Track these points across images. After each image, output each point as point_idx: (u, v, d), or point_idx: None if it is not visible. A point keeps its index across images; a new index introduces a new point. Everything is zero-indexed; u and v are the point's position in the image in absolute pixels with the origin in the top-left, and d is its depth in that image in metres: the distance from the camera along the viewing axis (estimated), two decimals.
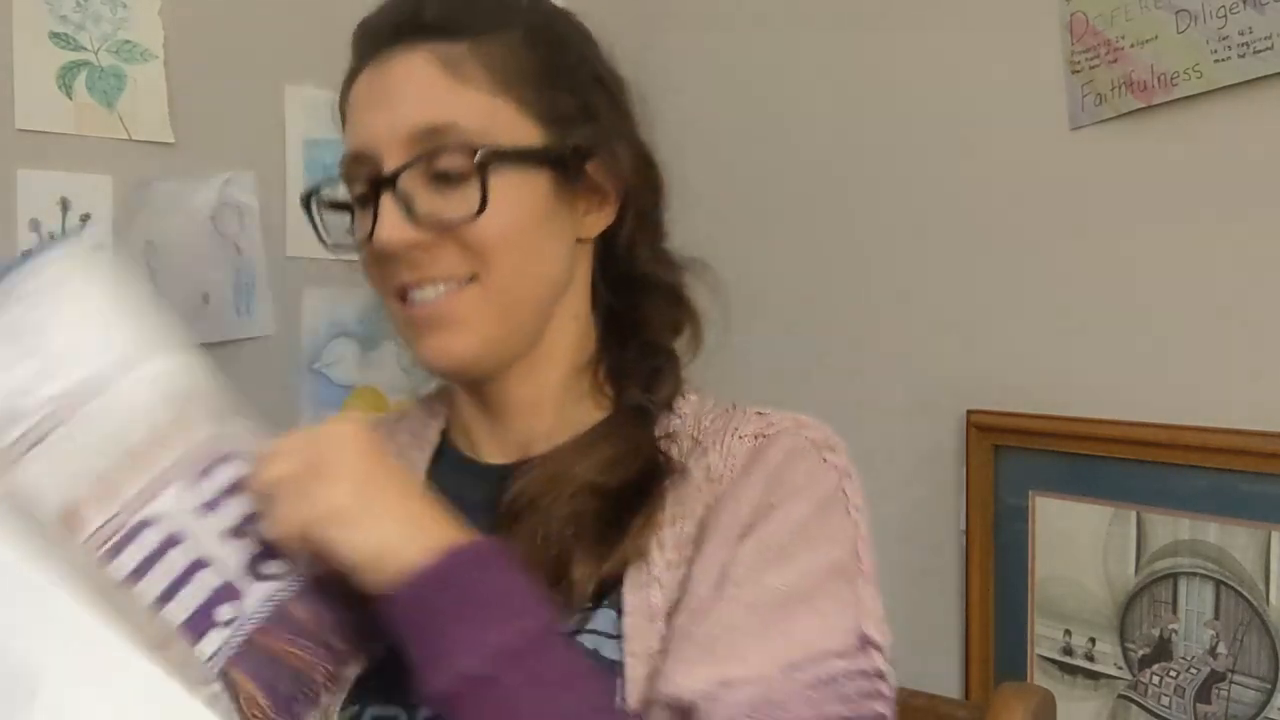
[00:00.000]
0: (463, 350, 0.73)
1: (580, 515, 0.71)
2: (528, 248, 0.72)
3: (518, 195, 0.71)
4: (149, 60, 1.23)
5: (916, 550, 1.25)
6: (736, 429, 0.75)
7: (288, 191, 1.32)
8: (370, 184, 0.72)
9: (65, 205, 1.19)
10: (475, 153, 0.69)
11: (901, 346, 1.28)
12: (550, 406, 0.78)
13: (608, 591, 0.70)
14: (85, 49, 1.19)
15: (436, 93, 0.70)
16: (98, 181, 1.20)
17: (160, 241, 1.22)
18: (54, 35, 1.17)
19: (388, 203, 0.70)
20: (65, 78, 1.18)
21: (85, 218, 1.20)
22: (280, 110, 1.31)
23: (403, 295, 0.73)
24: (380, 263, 0.73)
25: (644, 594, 0.69)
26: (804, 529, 0.69)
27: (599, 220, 0.77)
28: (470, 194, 0.69)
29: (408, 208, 0.70)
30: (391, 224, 0.70)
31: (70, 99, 1.18)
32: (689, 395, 0.80)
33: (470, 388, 0.80)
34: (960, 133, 1.22)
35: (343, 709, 0.72)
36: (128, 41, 1.22)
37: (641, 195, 0.78)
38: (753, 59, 1.45)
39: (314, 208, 0.79)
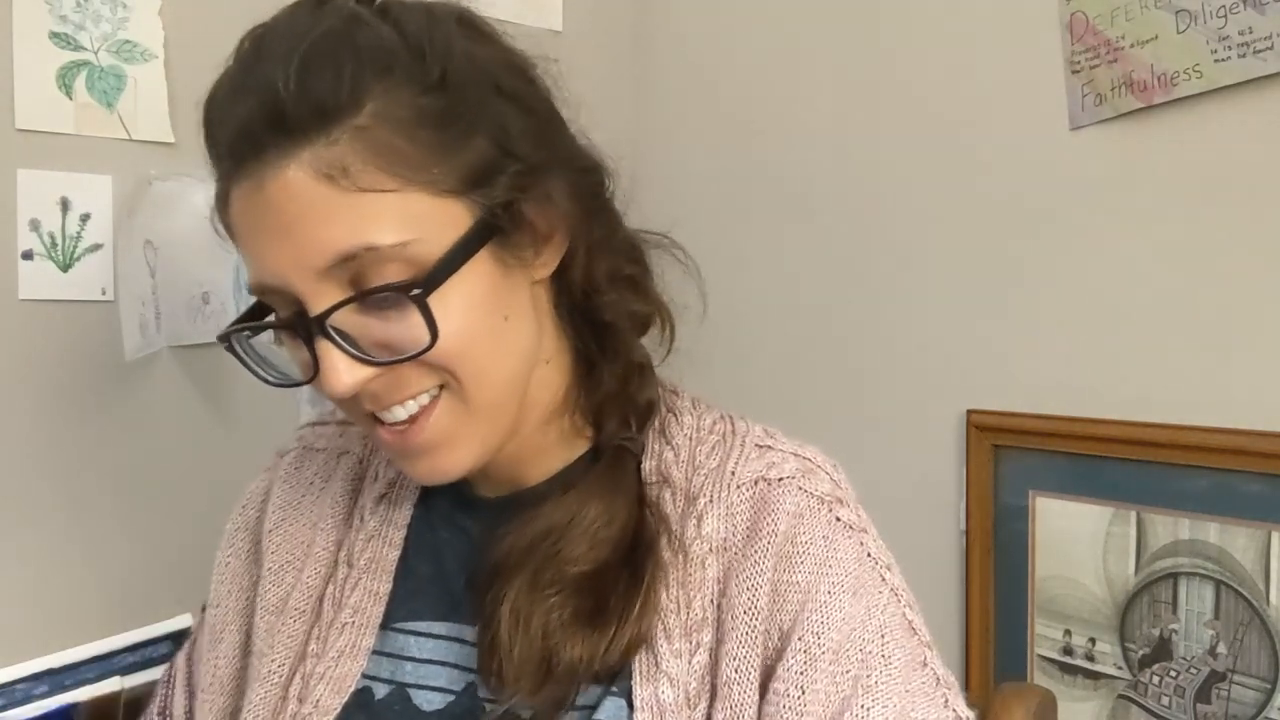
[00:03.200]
0: (455, 466, 0.67)
1: (566, 594, 0.66)
2: (492, 339, 0.65)
3: (466, 297, 0.62)
4: (149, 60, 1.23)
5: (916, 550, 1.24)
6: (734, 474, 0.71)
7: None
8: (296, 316, 0.63)
9: (65, 205, 1.19)
10: (407, 286, 0.60)
11: (901, 346, 1.28)
12: (533, 451, 0.73)
13: (613, 676, 0.66)
14: (85, 49, 1.19)
15: (333, 215, 0.59)
16: (98, 181, 1.20)
17: (160, 241, 1.22)
18: (54, 35, 1.17)
19: (326, 349, 0.62)
20: (65, 78, 1.18)
21: (85, 218, 1.20)
22: None
23: (372, 416, 0.66)
24: (340, 402, 0.66)
25: (653, 689, 0.65)
26: (854, 629, 0.65)
27: (551, 257, 0.69)
28: (414, 316, 0.61)
29: (351, 346, 0.62)
30: (338, 371, 0.62)
31: (70, 99, 1.18)
32: (683, 416, 0.75)
33: None
34: (960, 133, 1.22)
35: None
36: (128, 41, 1.22)
37: (585, 215, 0.70)
38: (750, 59, 1.45)
39: (239, 347, 0.68)
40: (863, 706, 0.63)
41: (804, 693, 0.63)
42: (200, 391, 1.27)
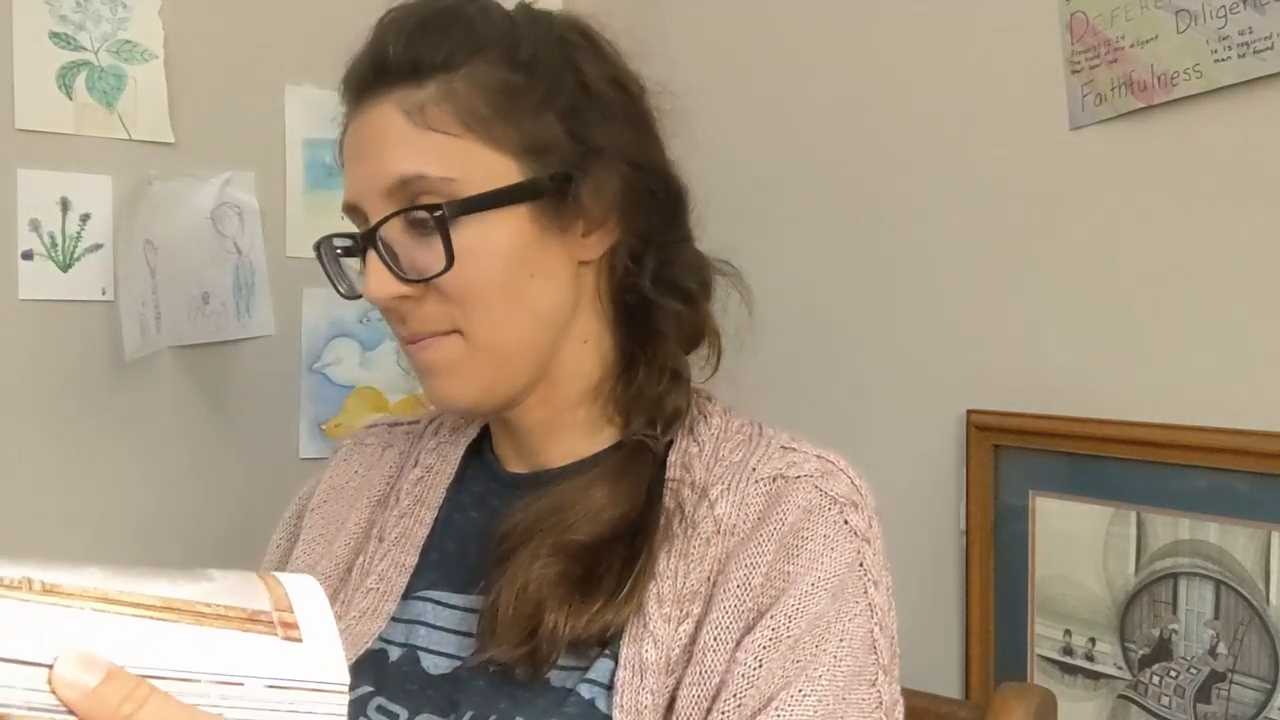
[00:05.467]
0: (460, 396, 0.74)
1: (559, 559, 0.70)
2: (507, 293, 0.72)
3: (489, 241, 0.71)
4: (149, 60, 1.23)
5: (916, 550, 1.24)
6: (754, 469, 0.74)
7: (288, 191, 1.32)
8: (360, 236, 0.74)
9: (65, 205, 1.19)
10: (434, 207, 0.69)
11: (901, 346, 1.28)
12: (564, 427, 0.78)
13: (611, 640, 0.70)
14: (85, 49, 1.20)
15: (402, 143, 0.70)
16: (98, 181, 1.21)
17: (160, 241, 1.22)
18: (54, 35, 1.18)
19: (372, 257, 0.72)
20: (65, 78, 1.18)
21: (85, 218, 1.20)
22: (280, 110, 1.32)
23: (407, 339, 0.75)
24: (383, 313, 0.76)
25: (637, 648, 0.68)
26: (819, 625, 0.68)
27: (600, 241, 0.76)
28: (440, 244, 0.70)
29: (392, 261, 0.71)
30: (376, 279, 0.71)
31: (70, 99, 1.18)
32: (712, 418, 0.79)
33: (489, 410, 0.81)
34: (960, 133, 1.22)
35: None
36: (128, 41, 1.22)
37: (639, 213, 0.76)
38: (748, 59, 1.45)
39: (324, 256, 0.79)
40: (800, 691, 0.66)
41: (760, 665, 0.66)
42: (200, 391, 1.28)
